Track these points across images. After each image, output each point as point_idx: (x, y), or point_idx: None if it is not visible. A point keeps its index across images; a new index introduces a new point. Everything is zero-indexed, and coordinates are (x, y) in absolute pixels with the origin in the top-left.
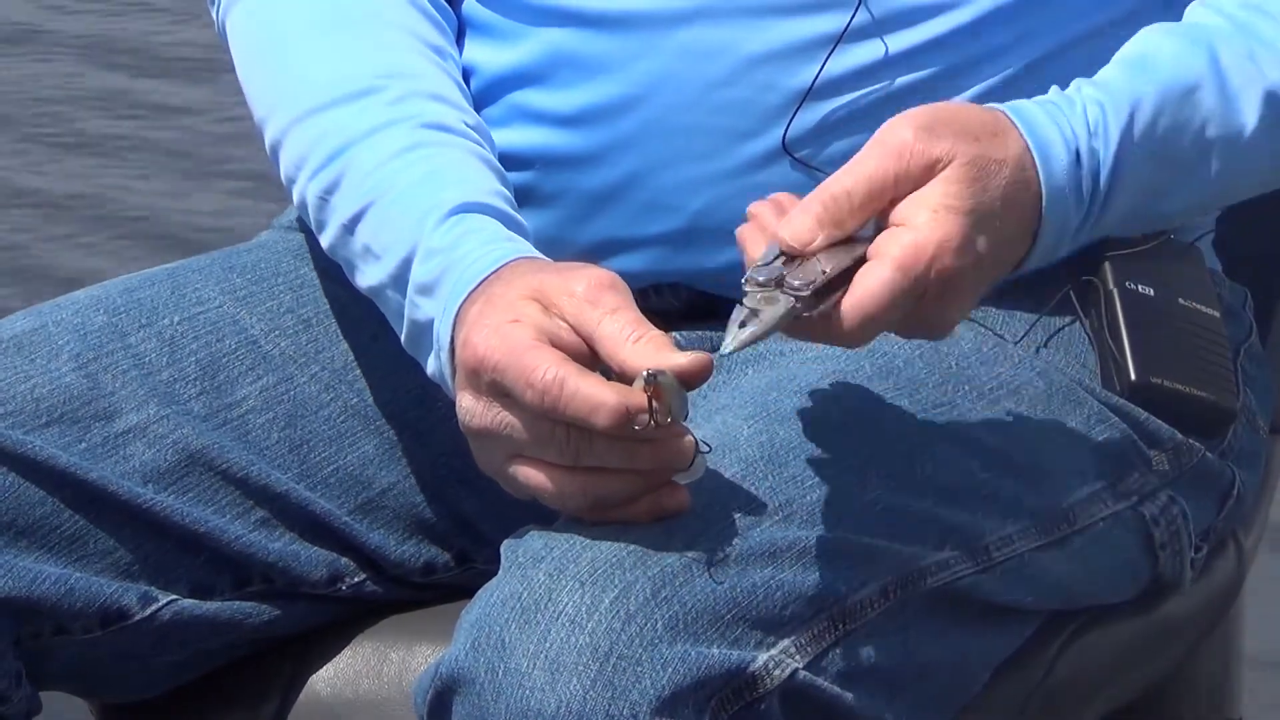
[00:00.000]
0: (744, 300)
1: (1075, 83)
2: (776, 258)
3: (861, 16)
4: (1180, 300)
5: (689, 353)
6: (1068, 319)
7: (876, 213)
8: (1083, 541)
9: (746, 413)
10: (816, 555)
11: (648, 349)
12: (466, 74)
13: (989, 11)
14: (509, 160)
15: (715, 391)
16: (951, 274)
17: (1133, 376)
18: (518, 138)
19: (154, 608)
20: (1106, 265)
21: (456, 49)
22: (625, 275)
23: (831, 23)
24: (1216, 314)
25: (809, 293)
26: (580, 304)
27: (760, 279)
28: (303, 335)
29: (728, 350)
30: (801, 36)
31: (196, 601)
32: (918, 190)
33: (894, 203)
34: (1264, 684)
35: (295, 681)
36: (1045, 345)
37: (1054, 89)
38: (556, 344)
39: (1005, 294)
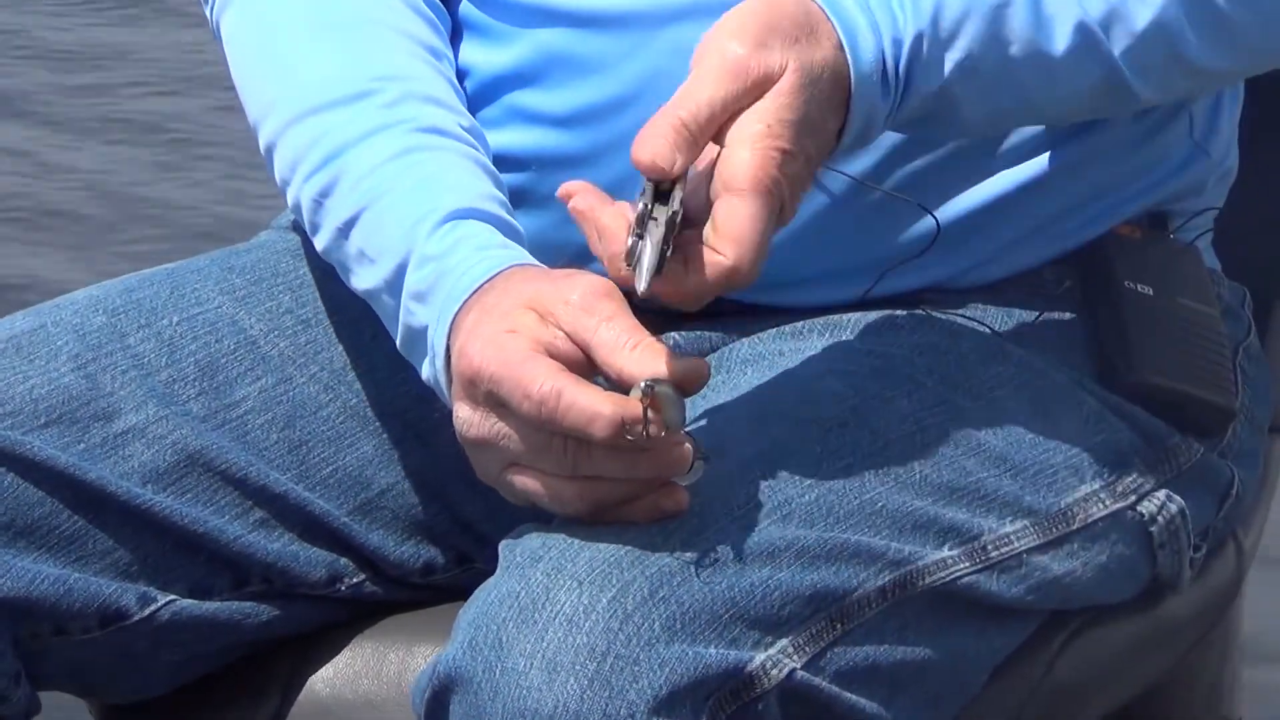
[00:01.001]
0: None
1: None
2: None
3: None
4: (1179, 299)
5: (686, 359)
6: (1066, 318)
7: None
8: (1081, 541)
9: (745, 412)
10: (814, 555)
11: (645, 356)
12: (462, 75)
13: None
14: (505, 162)
15: (714, 391)
16: (793, 179)
17: (1132, 376)
18: (513, 139)
19: (153, 608)
20: (1106, 264)
21: (451, 49)
22: None
23: None
24: (1215, 313)
25: (678, 201)
26: (576, 312)
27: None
28: (301, 336)
29: (642, 290)
30: None
31: (195, 602)
32: (755, 103)
33: (733, 117)
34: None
35: (294, 681)
36: (1044, 344)
37: None
38: (553, 354)
39: (1004, 293)
